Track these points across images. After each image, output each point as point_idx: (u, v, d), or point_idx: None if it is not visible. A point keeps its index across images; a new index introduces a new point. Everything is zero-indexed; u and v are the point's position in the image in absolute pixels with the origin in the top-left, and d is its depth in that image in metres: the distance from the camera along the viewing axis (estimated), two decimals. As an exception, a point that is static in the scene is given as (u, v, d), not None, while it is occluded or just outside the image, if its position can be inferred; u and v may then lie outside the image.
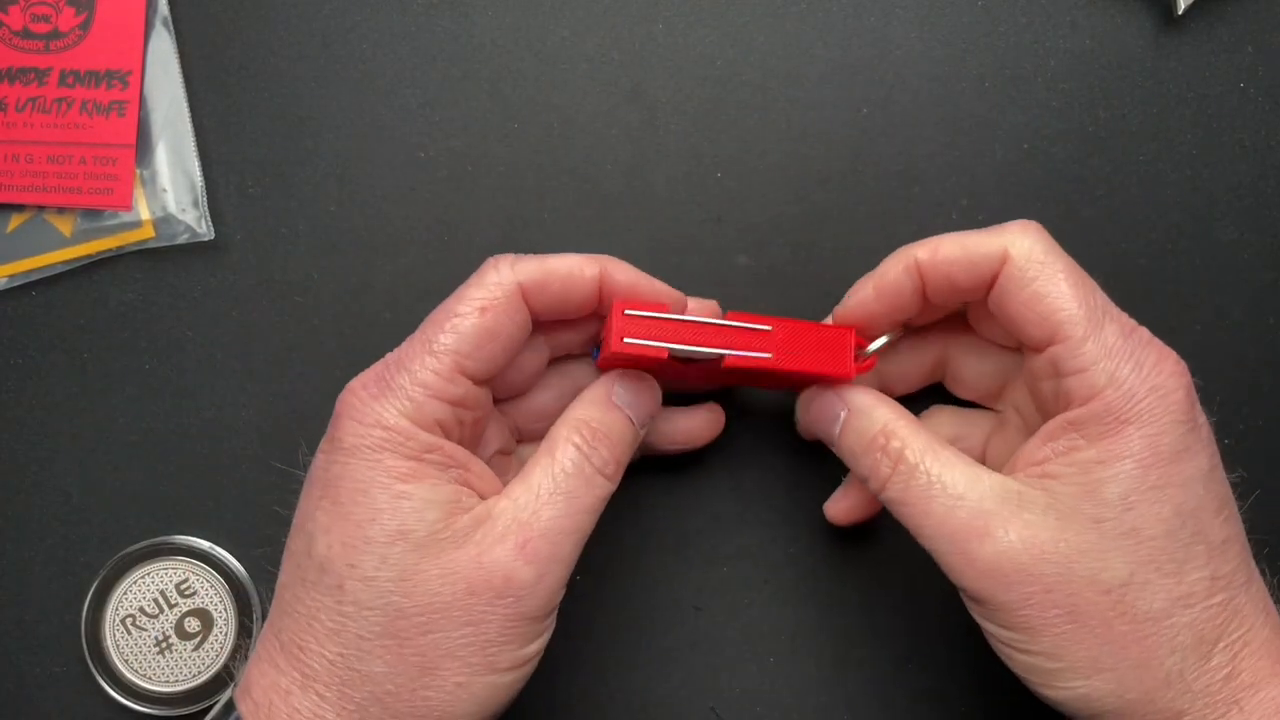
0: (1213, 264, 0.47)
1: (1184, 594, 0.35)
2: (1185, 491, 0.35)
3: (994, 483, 0.37)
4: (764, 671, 0.46)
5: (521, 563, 0.36)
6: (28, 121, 0.46)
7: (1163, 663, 0.35)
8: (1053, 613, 0.35)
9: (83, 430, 0.47)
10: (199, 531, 0.47)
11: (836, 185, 0.47)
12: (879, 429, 0.39)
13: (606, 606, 0.47)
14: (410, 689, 0.36)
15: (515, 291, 0.38)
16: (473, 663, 0.36)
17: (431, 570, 0.36)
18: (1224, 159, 0.47)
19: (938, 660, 0.46)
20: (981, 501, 0.36)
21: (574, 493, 0.37)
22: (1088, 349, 0.36)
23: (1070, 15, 0.47)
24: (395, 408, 0.37)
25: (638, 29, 0.47)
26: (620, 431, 0.39)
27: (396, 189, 0.47)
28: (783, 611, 0.46)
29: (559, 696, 0.46)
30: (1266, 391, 0.47)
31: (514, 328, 0.38)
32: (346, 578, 0.36)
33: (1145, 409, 0.35)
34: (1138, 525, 0.35)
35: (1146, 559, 0.35)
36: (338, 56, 0.47)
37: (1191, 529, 0.35)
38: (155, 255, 0.47)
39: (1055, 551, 0.35)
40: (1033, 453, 0.37)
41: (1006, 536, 0.35)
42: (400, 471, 0.36)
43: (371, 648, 0.36)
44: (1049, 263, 0.37)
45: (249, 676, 0.37)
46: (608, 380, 0.40)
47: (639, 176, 0.47)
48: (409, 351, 0.38)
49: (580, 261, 0.39)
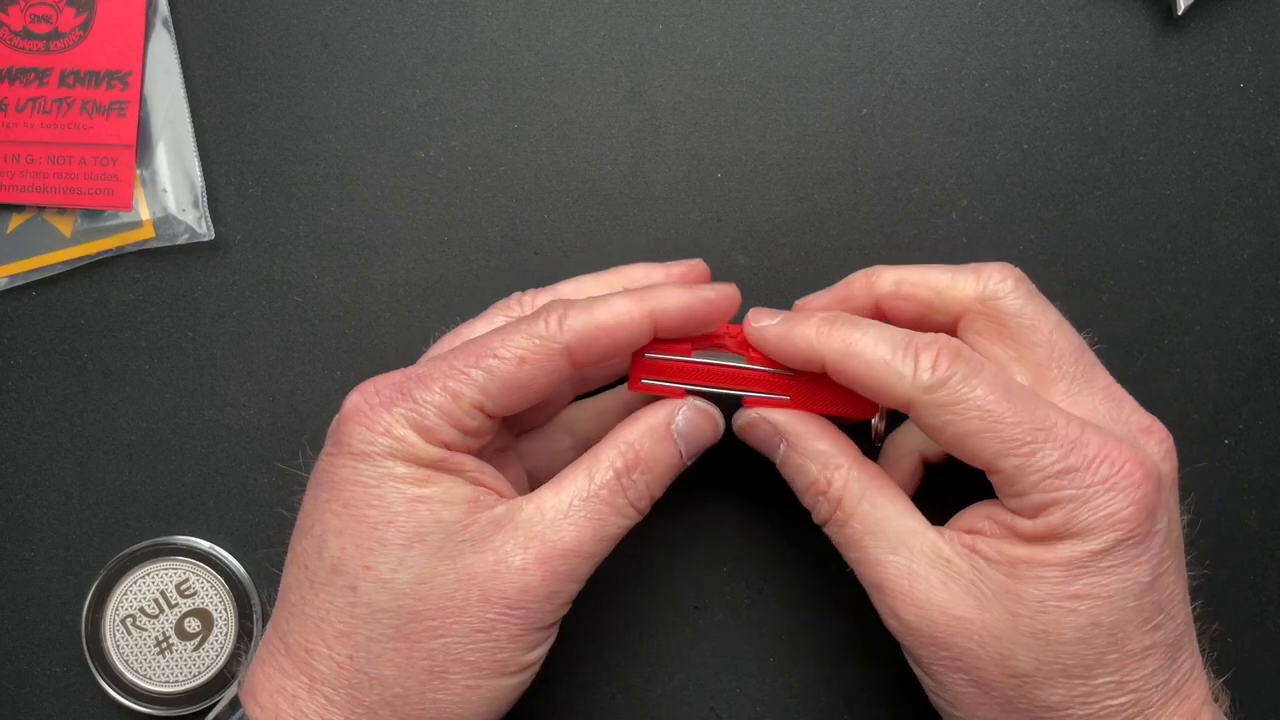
0: (1213, 264, 0.47)
1: (1086, 693, 0.35)
2: (1108, 604, 0.35)
3: (926, 544, 0.37)
4: (764, 671, 0.46)
5: (538, 579, 0.36)
6: (28, 122, 0.46)
7: None
8: (958, 676, 0.36)
9: (83, 430, 0.47)
10: (199, 531, 0.47)
11: (836, 185, 0.47)
12: (818, 468, 0.38)
13: (606, 606, 0.47)
14: (419, 692, 0.36)
15: (560, 352, 0.37)
16: (482, 667, 0.36)
17: (448, 574, 0.36)
18: (1224, 159, 0.47)
19: (938, 660, 0.46)
20: (911, 562, 0.37)
21: (602, 518, 0.37)
22: (1023, 480, 0.35)
23: (1070, 15, 0.47)
24: (405, 419, 0.36)
25: (638, 29, 0.47)
26: (665, 463, 0.38)
27: (396, 189, 0.47)
28: (783, 611, 0.46)
29: (559, 696, 0.46)
30: (1266, 391, 0.47)
31: (547, 383, 0.37)
32: (361, 579, 0.36)
33: (1086, 527, 0.34)
34: (1049, 629, 0.35)
35: (1052, 659, 0.35)
36: (338, 56, 0.47)
37: (1107, 639, 0.35)
38: (155, 255, 0.47)
39: (969, 629, 0.36)
40: (973, 520, 0.37)
41: (928, 603, 0.36)
42: (413, 477, 0.36)
43: (383, 650, 0.36)
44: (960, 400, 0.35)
45: (254, 680, 0.37)
46: (672, 406, 0.39)
47: (639, 176, 0.47)
48: (434, 370, 0.37)
49: (629, 308, 0.37)
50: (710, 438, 0.40)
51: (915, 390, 0.35)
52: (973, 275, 0.38)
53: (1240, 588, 0.45)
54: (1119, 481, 0.34)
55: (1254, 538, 0.46)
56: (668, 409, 0.39)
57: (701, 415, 0.39)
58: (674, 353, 0.39)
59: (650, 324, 0.38)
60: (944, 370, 0.35)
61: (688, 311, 0.38)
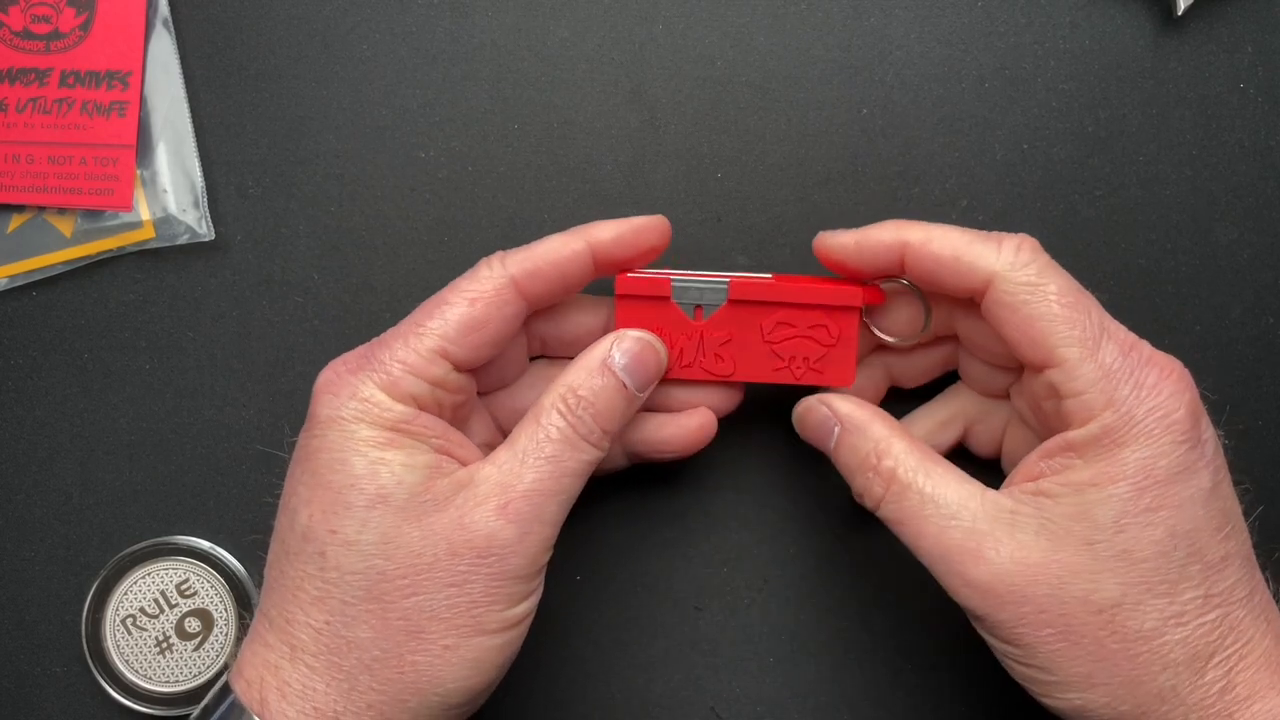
0: (1213, 264, 0.47)
1: (1176, 613, 0.35)
2: (1181, 513, 0.35)
3: (988, 502, 0.37)
4: (764, 671, 0.46)
5: (503, 522, 0.36)
6: (28, 122, 0.46)
7: (1155, 679, 0.35)
8: (1045, 631, 0.35)
9: (83, 430, 0.47)
10: (199, 531, 0.47)
11: (836, 185, 0.47)
12: (871, 448, 0.39)
13: (606, 606, 0.47)
14: (397, 654, 0.36)
15: (507, 285, 0.39)
16: (459, 624, 0.36)
17: (413, 533, 0.36)
18: (1224, 159, 0.47)
19: (938, 660, 0.46)
20: (975, 521, 0.36)
21: (558, 456, 0.37)
22: (1083, 372, 0.36)
23: (1070, 15, 0.47)
24: (371, 380, 0.37)
25: (638, 29, 0.47)
26: (610, 398, 0.39)
27: (396, 189, 0.47)
28: (783, 611, 0.46)
29: (559, 696, 0.46)
30: (1266, 391, 0.47)
31: (503, 320, 0.39)
32: (328, 544, 0.36)
33: (1143, 431, 0.35)
34: (1129, 547, 0.35)
35: (1138, 580, 0.35)
36: (338, 56, 0.47)
37: (1186, 549, 0.35)
38: (155, 255, 0.47)
39: (1047, 573, 0.35)
40: (1030, 468, 0.37)
41: (999, 557, 0.36)
42: (377, 440, 0.37)
43: (356, 613, 0.36)
44: (1041, 284, 0.37)
45: (241, 657, 0.38)
46: (605, 343, 0.39)
47: (639, 176, 0.47)
48: (392, 335, 0.39)
49: (565, 239, 0.39)
50: (654, 366, 0.40)
51: (1002, 264, 0.37)
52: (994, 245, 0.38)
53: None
54: (1168, 386, 0.35)
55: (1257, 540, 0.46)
56: (603, 345, 0.39)
57: (638, 344, 0.40)
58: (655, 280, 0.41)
59: (588, 252, 0.39)
60: (1028, 254, 0.37)
61: (622, 239, 0.40)
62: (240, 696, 0.36)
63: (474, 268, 0.39)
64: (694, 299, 0.41)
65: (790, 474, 0.46)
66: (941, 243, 0.38)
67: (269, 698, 0.36)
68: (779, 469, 0.47)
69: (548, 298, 0.40)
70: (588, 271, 0.40)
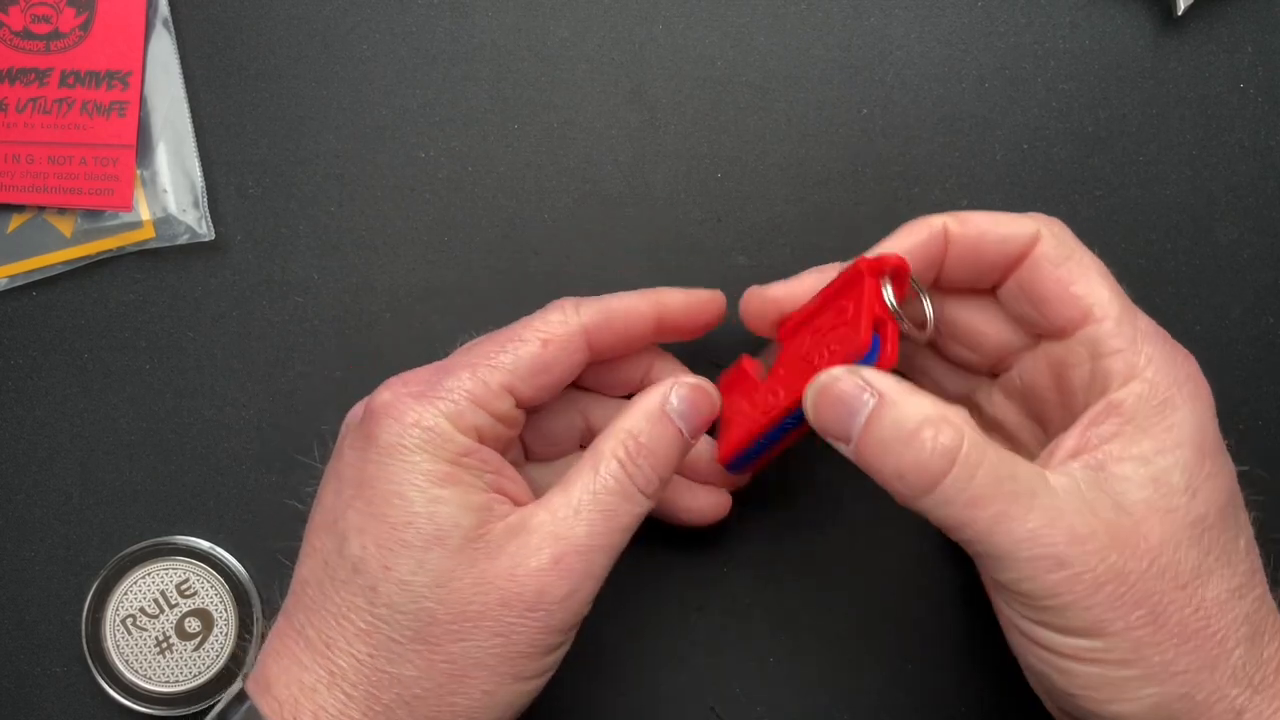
0: (1213, 264, 0.47)
1: (1238, 584, 0.34)
2: (1231, 481, 0.35)
3: (1059, 483, 0.33)
4: (764, 671, 0.46)
5: (555, 578, 0.36)
6: (28, 122, 0.46)
7: (1230, 656, 0.33)
8: (1136, 615, 0.33)
9: (83, 430, 0.47)
10: (199, 531, 0.47)
11: (836, 185, 0.47)
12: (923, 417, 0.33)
13: (606, 606, 0.46)
14: (438, 695, 0.36)
15: (579, 332, 0.39)
16: (501, 672, 0.36)
17: (466, 578, 0.36)
18: (1224, 159, 0.47)
19: (938, 660, 0.46)
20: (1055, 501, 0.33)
21: (613, 510, 0.37)
22: (1126, 328, 0.36)
23: (1070, 15, 0.47)
24: (437, 409, 0.37)
25: (638, 29, 0.47)
26: (668, 446, 0.38)
27: (396, 189, 0.47)
28: (783, 611, 0.46)
29: (559, 696, 0.46)
30: (1266, 391, 0.47)
31: (570, 366, 0.39)
32: (381, 580, 0.36)
33: (1188, 394, 0.35)
34: (1203, 513, 0.34)
35: (1210, 547, 0.34)
36: (338, 56, 0.47)
37: (1235, 518, 0.35)
38: (155, 255, 0.47)
39: (1136, 549, 0.33)
40: (1076, 442, 0.35)
41: (1096, 539, 0.33)
42: (437, 475, 0.36)
43: (403, 651, 0.36)
44: (1080, 248, 0.37)
45: (267, 671, 0.37)
46: (662, 389, 0.39)
47: (639, 176, 0.47)
48: (458, 363, 0.38)
49: (637, 301, 0.40)
50: (709, 410, 0.39)
51: (1040, 225, 0.37)
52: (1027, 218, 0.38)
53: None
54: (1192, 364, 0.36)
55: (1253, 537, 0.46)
56: (661, 391, 0.39)
57: (694, 391, 0.39)
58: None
59: (655, 314, 0.40)
60: (1059, 226, 0.38)
61: (687, 306, 0.41)
62: (268, 714, 0.36)
63: (545, 309, 0.39)
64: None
65: (791, 474, 0.46)
66: (980, 217, 0.38)
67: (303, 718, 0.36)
68: (779, 469, 0.47)
69: (609, 352, 0.40)
70: (651, 333, 0.41)
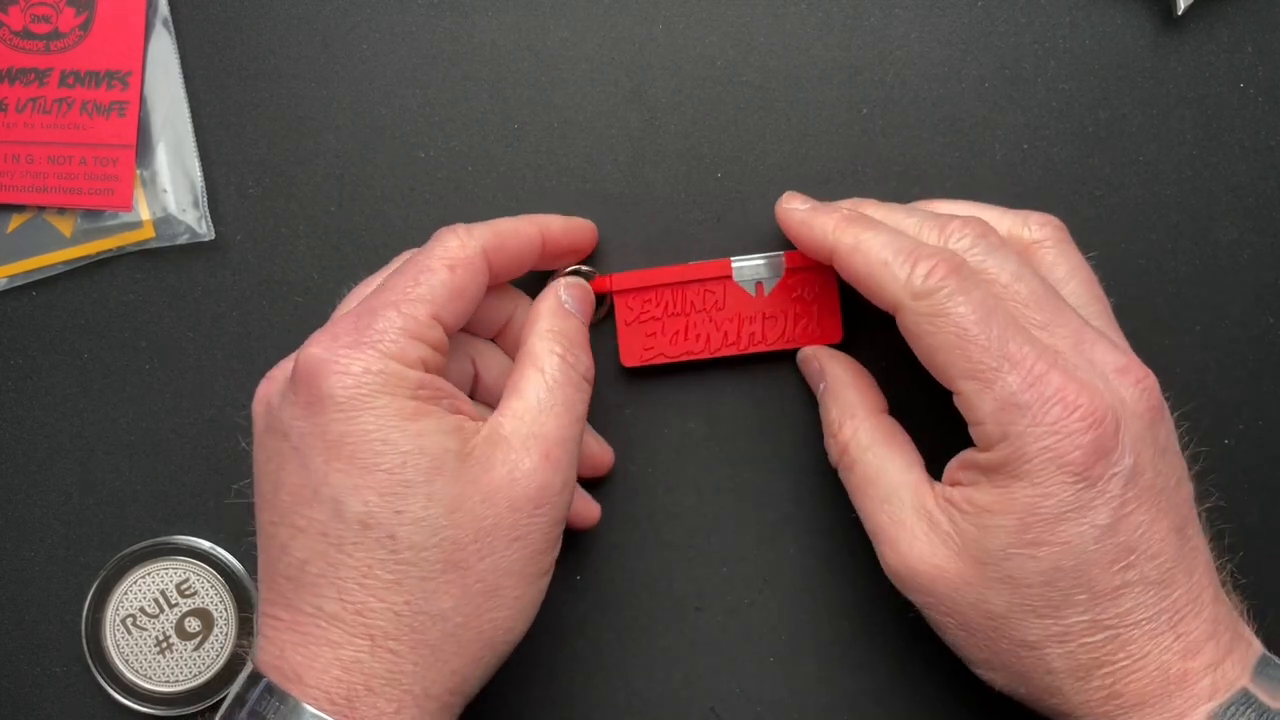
0: (1213, 264, 0.47)
1: (1059, 632, 0.36)
2: (1066, 550, 0.36)
3: (915, 498, 0.39)
4: (764, 671, 0.46)
5: (549, 472, 0.38)
6: (28, 122, 0.46)
7: (1041, 678, 0.37)
8: (948, 620, 0.38)
9: (83, 430, 0.47)
10: (199, 531, 0.47)
11: (836, 185, 0.47)
12: (836, 414, 0.42)
13: (606, 606, 0.47)
14: (478, 615, 0.37)
15: (480, 254, 0.40)
16: (527, 574, 0.38)
17: (475, 496, 0.37)
18: (1224, 159, 0.47)
19: (937, 661, 0.46)
20: (901, 512, 0.39)
21: (570, 399, 0.40)
22: (980, 403, 0.36)
23: (1070, 15, 0.47)
24: (380, 351, 0.37)
25: (638, 29, 0.47)
26: (582, 334, 0.42)
27: (396, 189, 0.47)
28: (783, 611, 0.46)
29: (559, 696, 0.46)
30: (1266, 391, 0.47)
31: (477, 288, 0.40)
32: (397, 525, 0.36)
33: (1034, 469, 0.35)
34: (1014, 574, 0.36)
35: (1020, 602, 0.36)
36: (338, 56, 0.47)
37: (1071, 581, 0.36)
38: (155, 255, 0.47)
39: (945, 577, 0.38)
40: (952, 472, 0.39)
41: (910, 551, 0.38)
42: (407, 411, 0.36)
43: (436, 585, 0.36)
44: (944, 312, 0.36)
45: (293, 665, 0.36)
46: (553, 291, 0.42)
47: (639, 176, 0.47)
48: (377, 304, 0.38)
49: (524, 224, 0.42)
50: (591, 302, 0.44)
51: (904, 294, 0.37)
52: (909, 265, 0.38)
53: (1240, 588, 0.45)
54: (1069, 425, 0.35)
55: (1254, 537, 0.46)
56: (553, 292, 0.42)
57: (577, 287, 0.43)
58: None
59: (539, 236, 0.42)
60: (936, 280, 0.37)
61: (566, 230, 0.44)
62: (317, 708, 0.35)
63: (438, 238, 0.40)
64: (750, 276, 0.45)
65: (790, 474, 0.47)
66: (863, 258, 0.39)
67: (356, 695, 0.35)
68: (779, 469, 0.47)
69: (504, 273, 0.42)
70: (537, 255, 0.42)
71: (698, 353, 0.45)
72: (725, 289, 0.45)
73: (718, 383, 0.46)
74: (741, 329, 0.45)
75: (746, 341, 0.45)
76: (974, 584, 0.37)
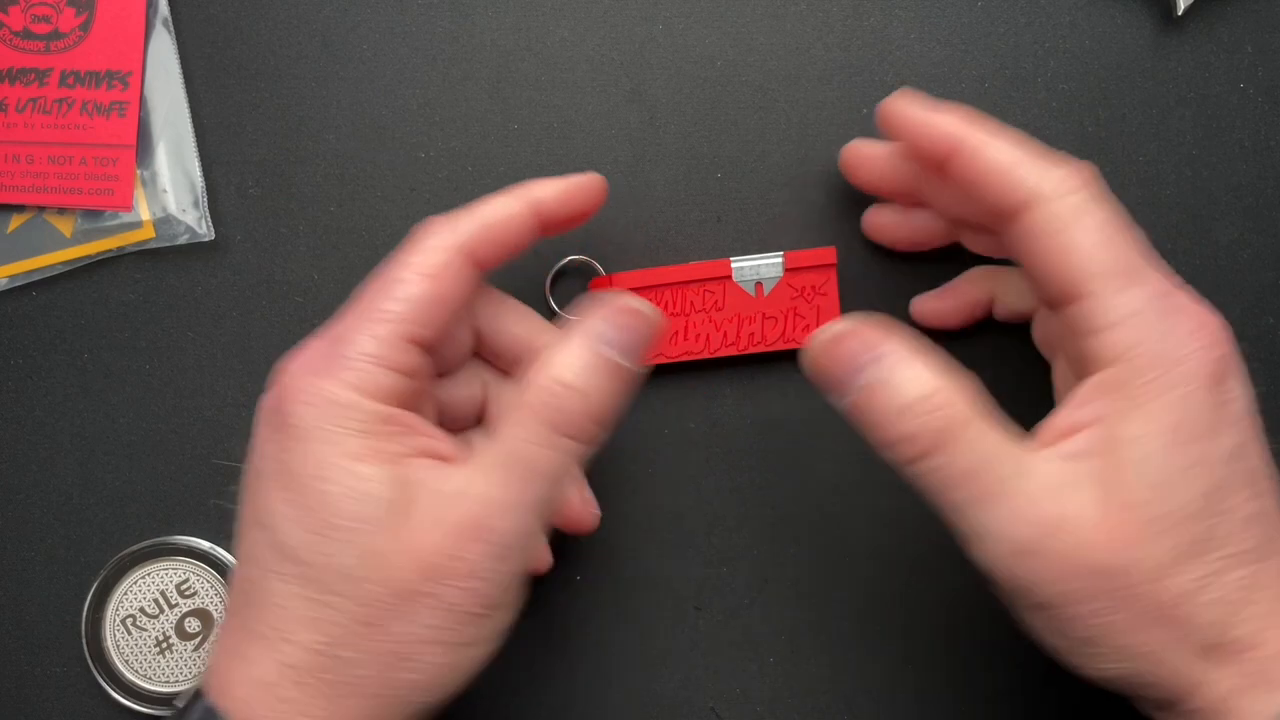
0: (1213, 264, 0.47)
1: (1207, 572, 0.34)
2: (1210, 472, 0.34)
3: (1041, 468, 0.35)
4: (764, 671, 0.46)
5: (483, 546, 0.34)
6: (28, 122, 0.46)
7: (1191, 637, 0.34)
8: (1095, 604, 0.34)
9: (83, 430, 0.47)
10: (199, 531, 0.47)
11: (836, 185, 0.47)
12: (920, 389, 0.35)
13: (606, 606, 0.47)
14: (392, 673, 0.35)
15: (458, 253, 0.37)
16: (446, 643, 0.35)
17: (399, 557, 0.35)
18: (1224, 159, 0.47)
19: (938, 660, 0.46)
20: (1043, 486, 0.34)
21: (534, 464, 0.35)
22: (1114, 305, 0.35)
23: (1070, 15, 0.47)
24: (343, 381, 0.35)
25: (638, 29, 0.47)
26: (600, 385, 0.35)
27: (396, 189, 0.47)
28: (783, 611, 0.46)
29: (559, 697, 0.46)
30: (1266, 391, 0.47)
31: (461, 291, 0.38)
32: (316, 566, 0.35)
33: (1180, 375, 0.34)
34: (1168, 510, 0.34)
35: (1175, 542, 0.34)
36: (338, 56, 0.47)
37: (1215, 508, 0.34)
38: (155, 255, 0.47)
39: (1098, 541, 0.34)
40: (1065, 423, 0.35)
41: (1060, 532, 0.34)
42: (358, 452, 0.35)
43: (348, 635, 0.35)
44: (1082, 213, 0.36)
45: (225, 672, 0.36)
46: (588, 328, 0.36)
47: (639, 176, 0.47)
48: (350, 323, 0.37)
49: (510, 201, 0.39)
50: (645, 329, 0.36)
51: (1045, 187, 0.36)
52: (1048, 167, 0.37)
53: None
54: (1203, 336, 0.35)
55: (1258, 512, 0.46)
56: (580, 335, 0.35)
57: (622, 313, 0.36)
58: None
59: (533, 212, 0.39)
60: (1078, 182, 0.36)
61: (563, 196, 0.40)
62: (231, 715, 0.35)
63: (414, 238, 0.38)
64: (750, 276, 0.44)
65: (790, 474, 0.46)
66: (994, 153, 0.37)
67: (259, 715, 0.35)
68: (779, 469, 0.47)
69: (495, 262, 0.39)
70: (533, 232, 0.39)
71: (697, 353, 0.45)
72: (725, 289, 0.45)
73: (718, 383, 0.46)
74: (741, 329, 0.45)
75: (746, 341, 0.45)
76: (1131, 536, 0.33)
